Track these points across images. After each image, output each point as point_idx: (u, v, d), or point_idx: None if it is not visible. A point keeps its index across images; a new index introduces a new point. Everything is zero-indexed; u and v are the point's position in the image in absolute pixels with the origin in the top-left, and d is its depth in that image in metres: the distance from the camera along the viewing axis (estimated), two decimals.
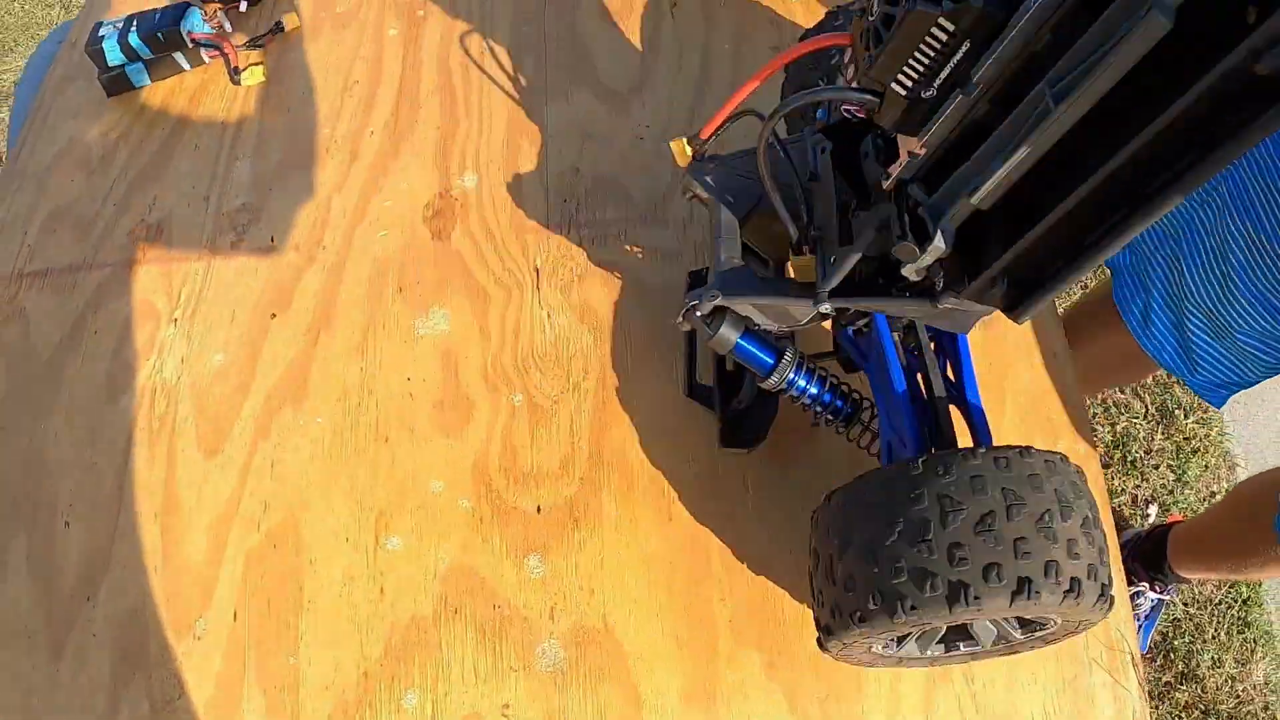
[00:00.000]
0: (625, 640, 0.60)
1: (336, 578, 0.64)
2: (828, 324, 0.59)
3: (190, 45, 0.95)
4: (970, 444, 0.54)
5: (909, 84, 0.40)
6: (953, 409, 0.55)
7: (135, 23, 0.94)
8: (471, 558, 0.64)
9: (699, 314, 0.54)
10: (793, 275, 0.55)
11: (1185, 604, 1.49)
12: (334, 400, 0.71)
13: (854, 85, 0.43)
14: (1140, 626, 1.39)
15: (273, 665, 0.62)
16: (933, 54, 0.38)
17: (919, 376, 0.56)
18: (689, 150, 0.59)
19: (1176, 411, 1.73)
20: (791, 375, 0.56)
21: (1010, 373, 0.69)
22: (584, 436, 0.67)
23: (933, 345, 0.57)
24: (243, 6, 1.01)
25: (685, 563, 0.63)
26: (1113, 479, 1.61)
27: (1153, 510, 1.57)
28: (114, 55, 0.94)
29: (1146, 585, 1.37)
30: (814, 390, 0.57)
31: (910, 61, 0.39)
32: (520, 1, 1.00)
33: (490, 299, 0.75)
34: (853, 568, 0.46)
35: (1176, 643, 1.45)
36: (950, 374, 0.57)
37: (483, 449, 0.67)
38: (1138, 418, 1.73)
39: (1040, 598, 0.42)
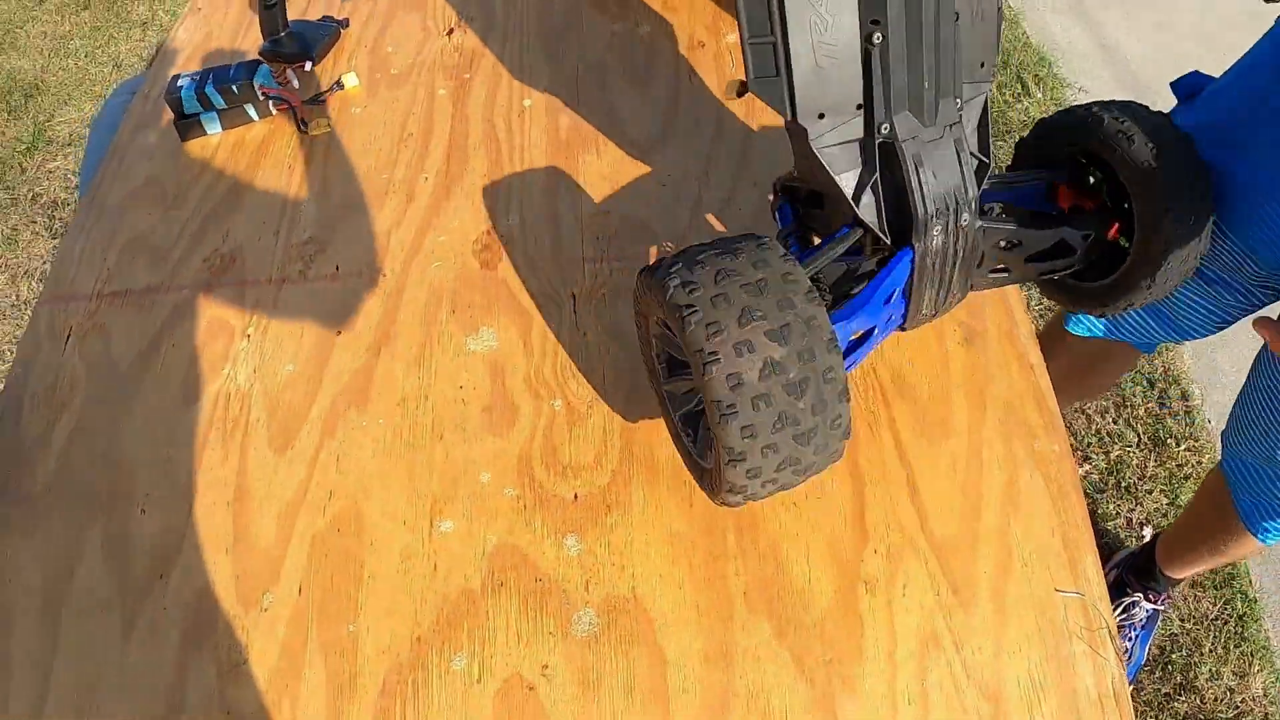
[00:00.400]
0: (652, 609, 0.68)
1: (394, 557, 0.72)
2: None
3: (261, 99, 1.06)
4: None
5: None
6: None
7: (211, 76, 1.05)
8: (516, 538, 0.71)
9: None
10: None
11: (1181, 619, 1.55)
12: (393, 405, 0.80)
13: None
14: (1137, 636, 1.45)
15: (334, 633, 0.69)
16: None
17: None
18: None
19: (1169, 440, 1.82)
20: None
21: (991, 383, 0.78)
22: (615, 435, 0.75)
23: None
24: (308, 67, 1.13)
25: (704, 542, 0.70)
26: (1108, 504, 1.69)
27: (1147, 532, 1.64)
28: (190, 104, 1.05)
29: (1141, 596, 1.44)
30: None
31: None
32: (555, 69, 1.11)
33: (532, 319, 0.84)
34: None
35: (1174, 656, 1.51)
36: None
37: (526, 446, 0.75)
38: (1130, 446, 1.81)
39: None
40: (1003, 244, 0.74)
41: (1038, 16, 3.31)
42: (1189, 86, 1.05)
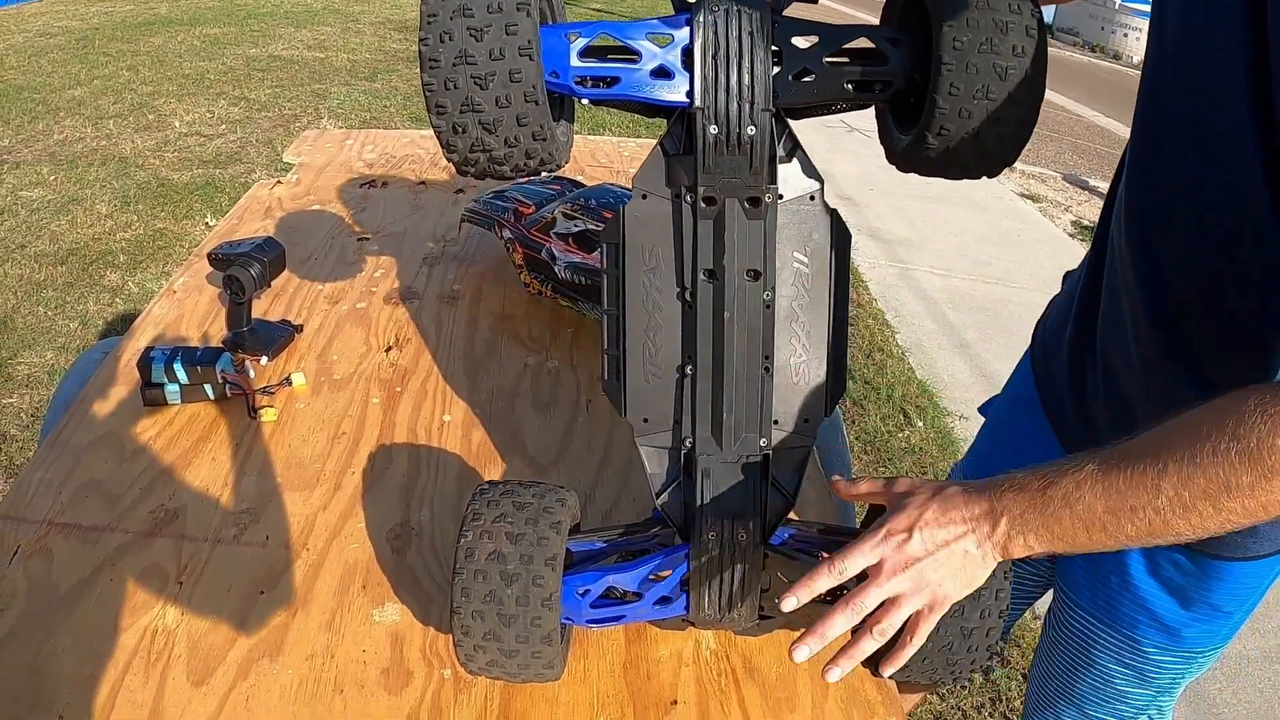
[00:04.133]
0: None
1: None
2: None
3: (220, 381, 1.26)
4: None
5: None
6: None
7: (180, 354, 1.25)
8: None
9: None
10: None
11: None
12: (303, 659, 0.95)
13: None
14: None
15: None
16: None
17: None
18: None
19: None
20: None
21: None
22: (495, 701, 0.91)
23: None
24: (263, 361, 1.34)
25: None
26: None
27: None
28: (158, 374, 1.24)
29: None
30: None
31: None
32: (473, 391, 1.35)
33: (432, 599, 1.02)
34: None
35: None
36: None
37: (416, 706, 0.91)
38: None
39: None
40: (793, 578, 0.83)
41: (924, 354, 3.78)
42: (989, 406, 1.42)
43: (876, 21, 0.88)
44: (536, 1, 0.75)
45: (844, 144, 6.60)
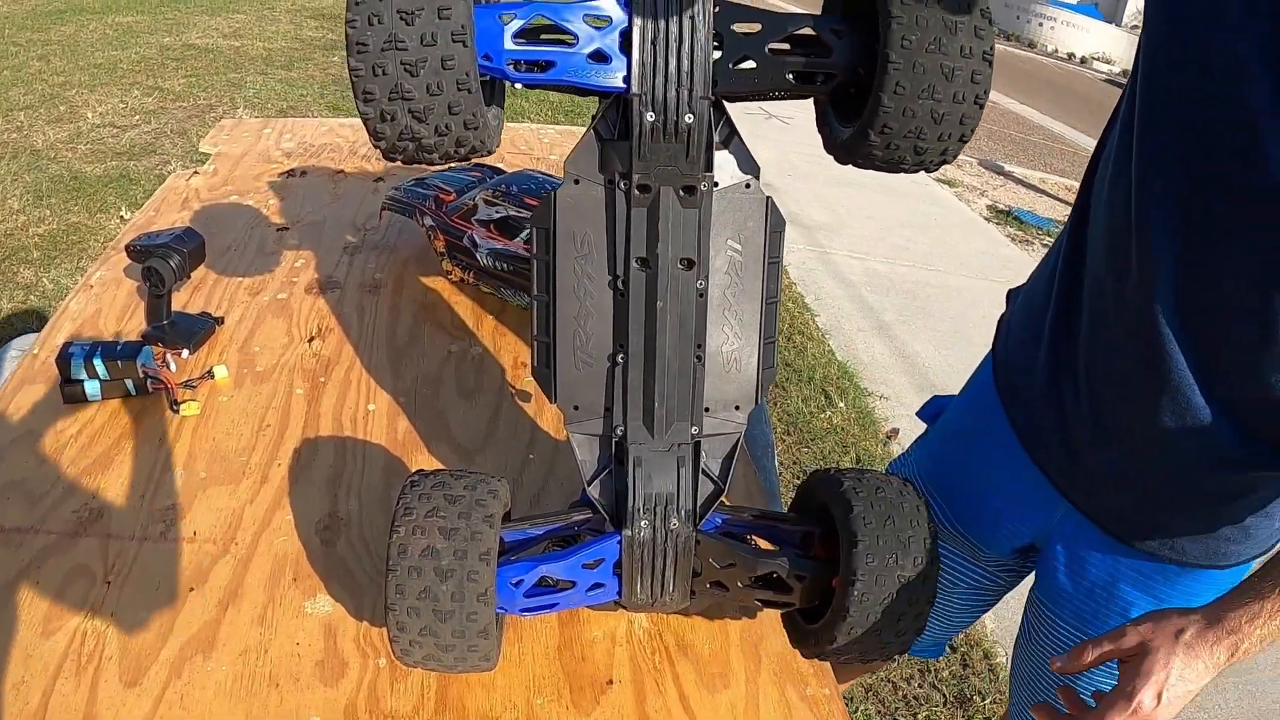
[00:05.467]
0: None
1: None
2: None
3: (141, 376, 1.24)
4: None
5: None
6: None
7: (100, 349, 1.23)
8: None
9: None
10: None
11: None
12: (236, 654, 0.94)
13: None
14: None
15: None
16: None
17: None
18: None
19: (974, 696, 2.10)
20: None
21: (764, 641, 1.00)
22: (431, 689, 0.92)
23: None
24: (185, 354, 1.32)
25: None
26: None
27: None
28: (77, 370, 1.21)
29: None
30: None
31: None
32: (397, 379, 1.35)
33: (364, 591, 1.03)
34: None
35: None
36: None
37: (353, 696, 0.91)
38: (938, 706, 2.09)
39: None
40: (723, 563, 0.89)
41: (844, 336, 3.85)
42: (933, 409, 1.38)
43: (799, 10, 0.89)
44: None
45: (762, 130, 6.68)
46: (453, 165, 1.79)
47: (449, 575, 0.80)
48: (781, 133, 6.59)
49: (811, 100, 0.90)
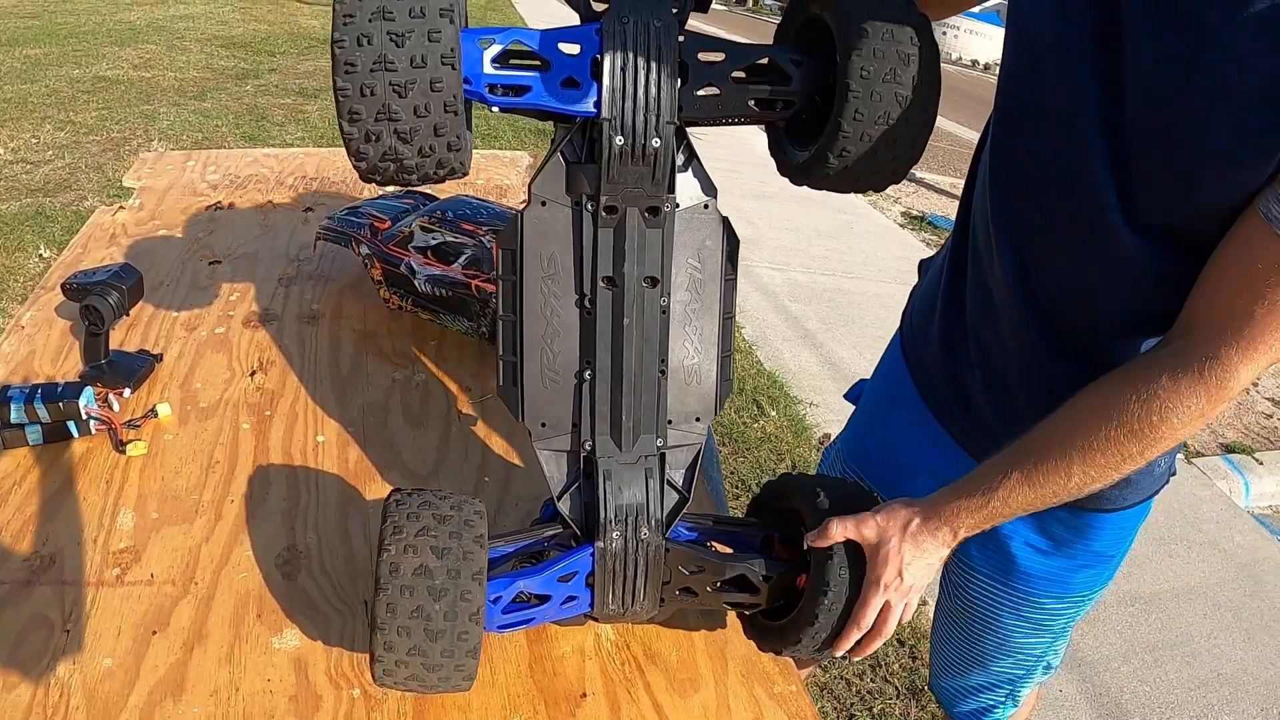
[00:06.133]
0: None
1: None
2: None
3: (84, 418, 1.22)
4: None
5: None
6: None
7: (40, 391, 1.20)
8: None
9: None
10: None
11: None
12: (207, 696, 0.93)
13: None
14: None
15: None
16: None
17: None
18: None
19: (924, 687, 2.15)
20: None
21: (729, 643, 1.02)
22: (409, 716, 0.92)
23: None
24: (126, 393, 1.30)
25: None
26: None
27: None
28: (17, 414, 1.19)
29: None
30: None
31: None
32: (344, 409, 1.35)
33: (330, 622, 1.02)
34: None
35: None
36: None
37: None
38: (891, 699, 2.13)
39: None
40: (691, 569, 0.93)
41: (770, 347, 3.90)
42: (858, 390, 1.48)
43: (744, 39, 0.94)
44: (459, 6, 0.74)
45: None
46: (384, 193, 1.81)
47: (442, 594, 0.81)
48: (699, 149, 6.67)
49: (763, 126, 0.94)
